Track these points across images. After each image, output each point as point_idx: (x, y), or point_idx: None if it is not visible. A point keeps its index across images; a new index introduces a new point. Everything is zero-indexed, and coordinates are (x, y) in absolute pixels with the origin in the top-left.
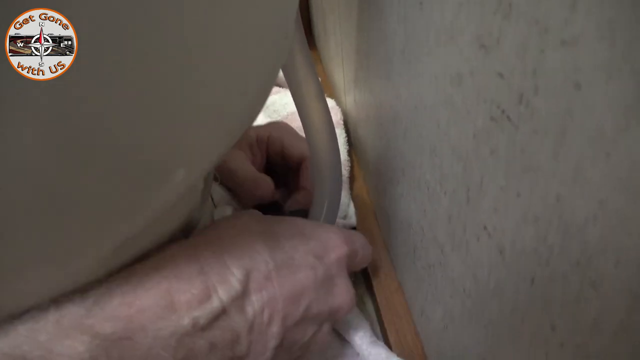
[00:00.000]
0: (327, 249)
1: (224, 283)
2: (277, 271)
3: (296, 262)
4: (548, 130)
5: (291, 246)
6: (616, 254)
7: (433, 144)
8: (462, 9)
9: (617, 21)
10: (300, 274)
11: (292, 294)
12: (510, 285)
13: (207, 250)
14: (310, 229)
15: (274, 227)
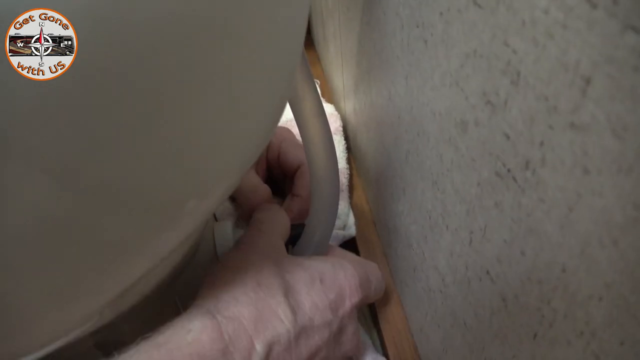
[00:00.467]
0: (344, 299)
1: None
2: (297, 340)
3: (315, 325)
4: (555, 203)
5: (312, 305)
6: (621, 334)
7: (436, 176)
8: (468, 61)
9: (628, 119)
10: (316, 337)
11: (307, 358)
12: (513, 334)
13: (230, 322)
14: (330, 274)
15: (293, 278)
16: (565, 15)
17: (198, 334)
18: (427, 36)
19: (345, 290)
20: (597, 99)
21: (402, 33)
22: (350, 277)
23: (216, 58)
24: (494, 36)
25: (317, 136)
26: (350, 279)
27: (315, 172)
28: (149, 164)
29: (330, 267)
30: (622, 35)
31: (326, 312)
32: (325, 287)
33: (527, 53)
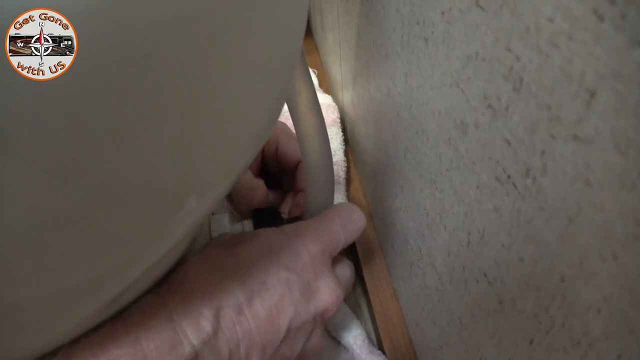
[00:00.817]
0: (299, 254)
1: (194, 326)
2: (249, 302)
3: (268, 285)
4: (555, 212)
5: (262, 269)
6: (619, 347)
7: (435, 175)
8: (469, 63)
9: (633, 136)
10: (274, 297)
11: (269, 320)
12: (509, 337)
13: (175, 297)
14: (280, 239)
15: (243, 254)
16: (571, 26)
17: (141, 308)
18: (428, 35)
19: (297, 247)
20: (602, 113)
21: (402, 30)
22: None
23: (216, 54)
24: (497, 40)
25: (312, 131)
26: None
27: (309, 167)
28: (149, 161)
29: (282, 232)
30: (629, 51)
31: (279, 272)
32: (274, 251)
33: (530, 60)
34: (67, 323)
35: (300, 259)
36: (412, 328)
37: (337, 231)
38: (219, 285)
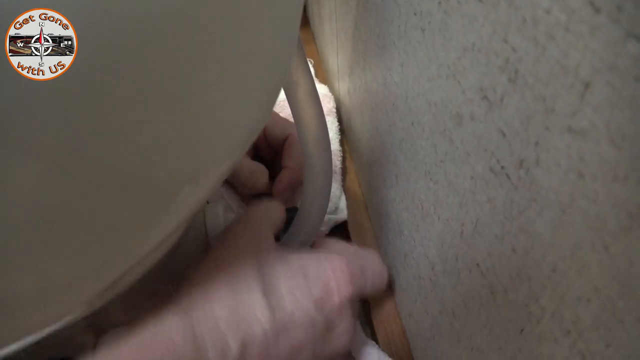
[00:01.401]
0: (331, 294)
1: (221, 344)
2: (276, 337)
3: (296, 321)
4: (547, 204)
5: (293, 302)
6: (608, 336)
7: (429, 166)
8: (466, 54)
9: (627, 128)
10: (298, 335)
11: (288, 356)
12: (500, 327)
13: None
14: (315, 268)
15: (274, 272)
16: (568, 18)
17: (170, 333)
18: (425, 25)
19: (332, 285)
20: (596, 105)
21: (399, 20)
22: (338, 272)
23: (211, 45)
24: (494, 32)
25: (310, 121)
26: (338, 273)
27: (308, 157)
28: (144, 152)
29: (316, 262)
30: (625, 43)
31: (309, 309)
32: (309, 282)
33: (526, 52)
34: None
35: (331, 299)
36: (406, 318)
37: (366, 280)
38: (247, 308)
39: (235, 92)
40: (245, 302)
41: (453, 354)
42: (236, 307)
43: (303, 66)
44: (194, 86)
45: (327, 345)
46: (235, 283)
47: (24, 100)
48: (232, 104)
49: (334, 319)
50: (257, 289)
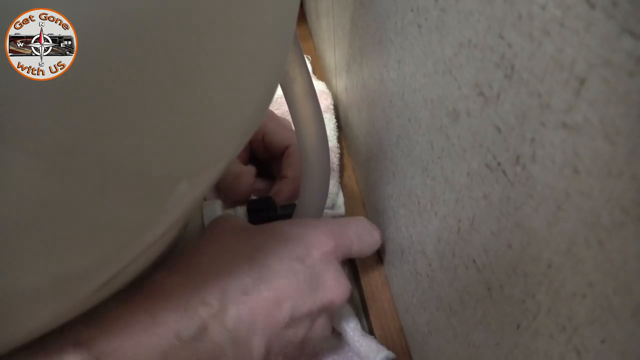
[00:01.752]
0: (309, 248)
1: (200, 302)
2: (255, 284)
3: (274, 271)
4: (543, 200)
5: (272, 256)
6: (603, 332)
7: (426, 163)
8: (462, 50)
9: (621, 124)
10: (280, 282)
11: (272, 304)
12: (496, 322)
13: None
14: (294, 231)
15: (256, 241)
16: (563, 13)
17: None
18: (422, 21)
19: (309, 241)
20: (591, 101)
21: (396, 16)
22: (316, 230)
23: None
24: (490, 28)
25: (307, 117)
26: (315, 232)
27: (305, 154)
28: (142, 147)
29: (298, 226)
30: (619, 39)
31: (289, 261)
32: (286, 241)
33: (522, 48)
34: (59, 306)
35: (311, 253)
36: (403, 314)
37: (350, 237)
38: (226, 267)
39: (231, 89)
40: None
41: (450, 349)
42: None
43: (300, 62)
44: (191, 83)
45: (318, 296)
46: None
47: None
48: (228, 100)
49: (319, 271)
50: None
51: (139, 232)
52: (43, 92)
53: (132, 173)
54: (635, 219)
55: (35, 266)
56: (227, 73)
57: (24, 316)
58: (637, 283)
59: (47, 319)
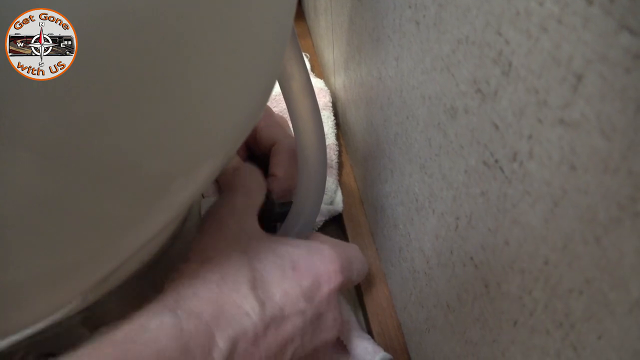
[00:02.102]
0: (321, 285)
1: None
2: (265, 332)
3: (286, 314)
4: (540, 196)
5: (283, 294)
6: (599, 328)
7: (424, 160)
8: (460, 47)
9: (617, 120)
10: (287, 329)
11: (277, 351)
12: (494, 319)
13: (191, 319)
14: (305, 260)
15: (264, 266)
16: (561, 10)
17: (156, 332)
18: (420, 18)
19: (321, 276)
20: (588, 97)
21: (394, 13)
22: (327, 262)
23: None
24: (487, 24)
25: (305, 114)
26: (327, 263)
27: (302, 151)
28: (139, 144)
29: (306, 253)
30: (617, 35)
31: (299, 301)
32: (299, 274)
33: (519, 44)
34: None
35: (320, 291)
36: (401, 312)
37: (352, 271)
38: (235, 304)
39: (228, 86)
40: (234, 297)
41: (447, 346)
42: (224, 304)
43: (298, 60)
44: (188, 80)
45: (315, 337)
46: (223, 278)
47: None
48: (225, 97)
49: (323, 310)
50: (245, 282)
51: (135, 228)
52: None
53: (128, 169)
54: (631, 215)
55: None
56: (224, 70)
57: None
58: (634, 279)
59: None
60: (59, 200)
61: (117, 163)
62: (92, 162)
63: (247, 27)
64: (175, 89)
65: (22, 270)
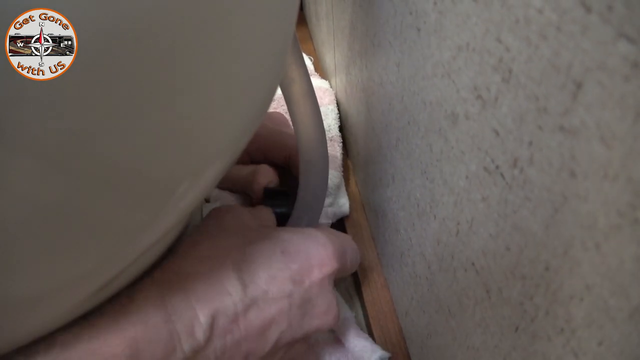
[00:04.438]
0: (311, 269)
1: (189, 334)
2: (246, 312)
3: (270, 296)
4: (541, 202)
5: (268, 277)
6: (600, 334)
7: (425, 165)
8: (460, 53)
9: (617, 127)
10: (271, 310)
11: (260, 332)
12: (495, 325)
13: (175, 293)
14: (297, 244)
15: (253, 250)
16: (560, 17)
17: (141, 303)
18: (420, 24)
19: (313, 260)
20: (588, 105)
21: (395, 19)
22: (321, 247)
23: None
24: (487, 31)
25: (306, 118)
26: (321, 249)
27: (304, 154)
28: (143, 147)
29: (299, 237)
30: (615, 43)
31: (285, 284)
32: (288, 258)
33: (519, 51)
34: (56, 309)
35: (312, 274)
36: (402, 317)
37: (347, 259)
38: (219, 284)
39: (231, 90)
40: (218, 277)
41: (449, 352)
42: (208, 283)
43: (299, 64)
44: (191, 84)
45: (305, 322)
46: (210, 258)
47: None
48: (228, 101)
49: (313, 294)
50: (231, 264)
51: (138, 233)
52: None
53: (132, 174)
54: (631, 221)
55: (33, 267)
56: (227, 74)
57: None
58: (634, 285)
59: (47, 318)
60: (61, 207)
61: (121, 168)
62: (95, 167)
63: (249, 32)
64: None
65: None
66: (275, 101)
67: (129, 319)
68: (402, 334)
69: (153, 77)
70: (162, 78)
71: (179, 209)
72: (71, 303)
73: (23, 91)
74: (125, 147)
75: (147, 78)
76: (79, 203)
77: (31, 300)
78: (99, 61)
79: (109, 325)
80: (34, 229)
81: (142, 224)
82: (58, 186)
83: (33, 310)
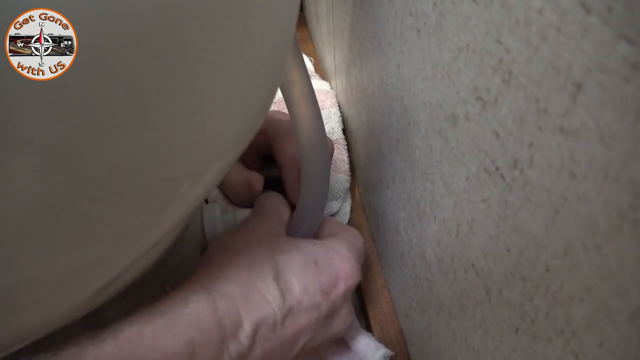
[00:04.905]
0: (337, 282)
1: (235, 340)
2: (283, 321)
3: (303, 307)
4: (541, 204)
5: (302, 288)
6: (600, 336)
7: (425, 167)
8: (460, 55)
9: (617, 128)
10: (303, 320)
11: (291, 340)
12: (495, 326)
13: (224, 299)
14: (324, 256)
15: (286, 260)
16: (560, 19)
17: (195, 306)
18: (420, 26)
19: (338, 274)
20: (587, 106)
21: (395, 20)
22: (346, 262)
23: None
24: (487, 32)
25: (307, 120)
26: (345, 263)
27: (304, 157)
28: (144, 147)
29: (325, 251)
30: (615, 44)
31: (316, 295)
32: (319, 270)
33: (519, 53)
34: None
35: (337, 288)
36: (403, 318)
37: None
38: (262, 297)
39: (231, 92)
40: (259, 285)
41: (449, 353)
42: (250, 290)
43: (299, 66)
44: (191, 85)
45: (326, 331)
46: (250, 267)
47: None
48: (228, 103)
49: (337, 307)
50: (269, 274)
51: (139, 234)
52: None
53: (133, 174)
54: (631, 222)
55: (34, 267)
56: (227, 74)
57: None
58: (634, 287)
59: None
60: (61, 207)
61: (121, 168)
62: (95, 168)
63: (250, 33)
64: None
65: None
66: (275, 104)
67: (186, 320)
68: (402, 335)
69: (153, 78)
70: (163, 78)
71: (180, 209)
72: (71, 303)
73: (23, 91)
74: (126, 147)
75: (147, 78)
76: (80, 203)
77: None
78: (99, 61)
79: (169, 323)
80: (34, 229)
81: (143, 225)
82: (58, 187)
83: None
